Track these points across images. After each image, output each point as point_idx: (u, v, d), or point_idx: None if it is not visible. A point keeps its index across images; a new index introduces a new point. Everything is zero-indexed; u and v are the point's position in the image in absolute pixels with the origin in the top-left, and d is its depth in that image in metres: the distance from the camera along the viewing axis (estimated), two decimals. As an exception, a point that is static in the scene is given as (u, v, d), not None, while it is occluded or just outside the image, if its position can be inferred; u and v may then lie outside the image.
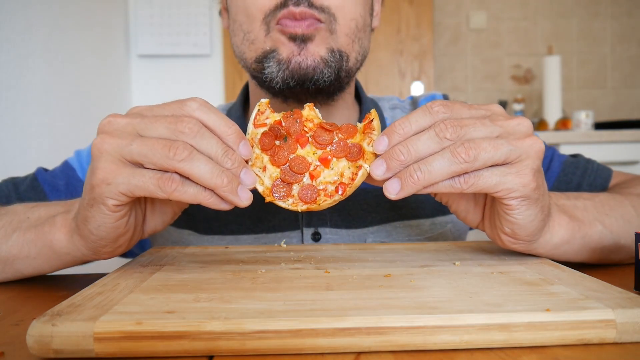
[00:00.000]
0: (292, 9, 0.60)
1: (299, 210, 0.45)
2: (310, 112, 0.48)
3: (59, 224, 0.49)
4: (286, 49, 0.61)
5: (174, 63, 2.39)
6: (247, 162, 0.46)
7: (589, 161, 0.74)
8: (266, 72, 0.62)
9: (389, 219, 0.70)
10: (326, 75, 0.62)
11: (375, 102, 0.79)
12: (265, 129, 0.47)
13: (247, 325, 0.32)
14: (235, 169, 0.42)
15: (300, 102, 0.66)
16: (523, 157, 0.42)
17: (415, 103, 0.80)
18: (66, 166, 0.73)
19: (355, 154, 0.46)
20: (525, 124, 0.44)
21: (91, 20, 1.91)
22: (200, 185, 0.41)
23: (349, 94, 0.73)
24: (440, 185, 0.42)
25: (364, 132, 0.47)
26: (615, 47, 2.77)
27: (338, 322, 0.32)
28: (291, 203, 0.45)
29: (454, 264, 0.47)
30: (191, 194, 0.41)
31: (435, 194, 0.50)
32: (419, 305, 0.35)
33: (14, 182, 0.70)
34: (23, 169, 0.81)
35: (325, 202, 0.45)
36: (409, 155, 0.42)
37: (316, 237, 0.68)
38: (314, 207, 0.45)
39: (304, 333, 0.32)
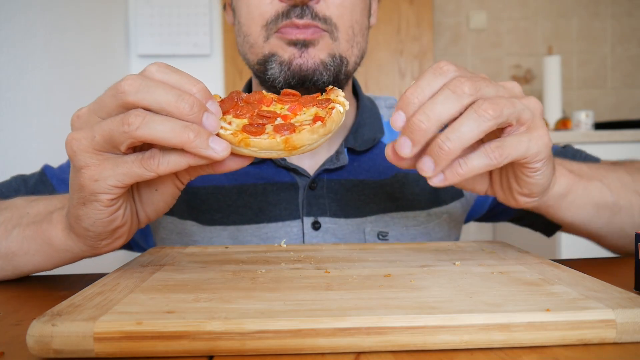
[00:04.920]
0: (296, 20, 0.61)
1: (277, 141, 0.40)
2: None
3: (56, 220, 0.48)
4: (286, 52, 0.62)
5: (174, 63, 2.34)
6: None
7: (578, 151, 0.76)
8: (269, 73, 0.64)
9: (386, 210, 0.72)
10: (325, 77, 0.63)
11: (371, 100, 0.81)
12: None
13: (247, 325, 0.32)
14: (195, 113, 0.38)
15: None
16: (536, 115, 0.43)
17: None
18: None
19: (324, 102, 0.44)
20: (517, 85, 0.45)
21: (91, 21, 1.91)
22: (171, 147, 0.39)
23: (346, 91, 0.75)
24: (476, 165, 0.41)
25: (327, 93, 0.46)
26: (615, 47, 2.76)
27: (338, 322, 0.32)
28: (267, 137, 0.40)
29: (454, 264, 0.47)
30: (177, 160, 0.39)
31: None
32: (419, 305, 0.35)
33: (23, 178, 0.72)
34: (23, 169, 0.82)
35: (304, 130, 0.40)
36: (430, 121, 0.39)
37: (316, 226, 0.69)
38: (294, 138, 0.40)
39: (304, 333, 0.32)
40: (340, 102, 0.44)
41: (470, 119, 0.39)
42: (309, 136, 0.40)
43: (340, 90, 0.47)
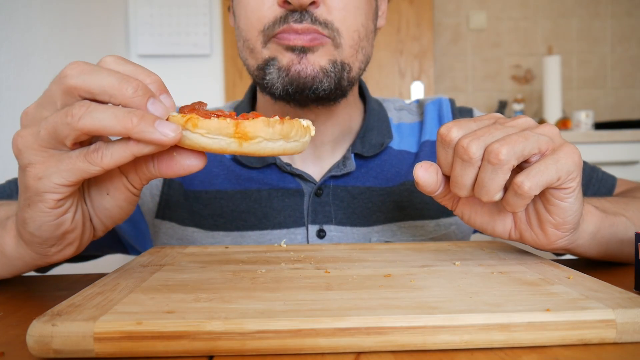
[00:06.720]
0: (294, 25, 0.59)
1: (227, 122, 0.37)
2: None
3: (9, 227, 0.46)
4: (285, 58, 0.61)
5: (174, 63, 2.39)
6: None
7: (594, 169, 0.75)
8: (267, 78, 0.62)
9: (393, 219, 0.70)
10: (325, 85, 0.61)
11: (379, 103, 0.79)
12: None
13: (247, 325, 0.32)
14: (139, 97, 0.36)
15: (302, 106, 0.66)
16: (555, 139, 0.42)
17: (421, 106, 0.80)
18: None
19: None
20: (529, 119, 0.45)
21: (91, 20, 1.91)
22: (116, 136, 0.36)
23: (352, 95, 0.73)
24: (516, 204, 0.43)
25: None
26: (615, 47, 2.77)
27: (338, 322, 0.32)
28: (217, 119, 0.37)
29: (454, 264, 0.47)
30: (121, 151, 0.37)
31: (462, 216, 0.51)
32: (419, 305, 0.35)
33: (17, 183, 0.70)
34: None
35: (260, 119, 0.38)
36: (461, 191, 0.44)
37: (321, 234, 0.68)
38: (246, 124, 0.37)
39: (304, 333, 0.32)
40: (306, 127, 0.42)
41: (487, 171, 0.41)
42: (263, 127, 0.38)
43: (308, 120, 0.44)
